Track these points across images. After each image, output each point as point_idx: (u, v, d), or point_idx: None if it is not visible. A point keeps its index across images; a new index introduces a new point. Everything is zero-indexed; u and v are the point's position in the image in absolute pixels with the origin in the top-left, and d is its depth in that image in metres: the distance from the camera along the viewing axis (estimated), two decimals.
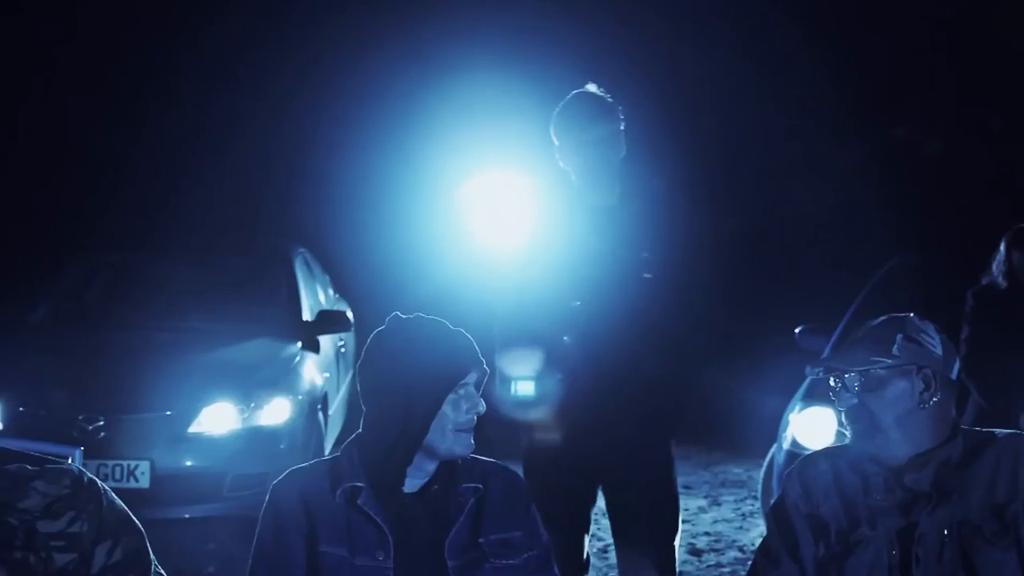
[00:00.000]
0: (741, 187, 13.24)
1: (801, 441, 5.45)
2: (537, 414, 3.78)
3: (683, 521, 6.65)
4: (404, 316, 2.49)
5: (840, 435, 5.09)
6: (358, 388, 2.48)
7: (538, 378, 3.76)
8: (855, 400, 2.45)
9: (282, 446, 6.13)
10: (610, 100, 3.80)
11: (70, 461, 2.41)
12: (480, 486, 2.46)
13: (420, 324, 2.47)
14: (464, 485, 2.45)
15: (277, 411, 6.18)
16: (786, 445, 5.55)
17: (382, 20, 13.57)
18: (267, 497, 2.42)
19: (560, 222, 3.90)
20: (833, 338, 5.94)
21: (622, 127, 3.79)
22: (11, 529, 2.15)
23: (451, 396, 2.41)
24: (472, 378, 2.45)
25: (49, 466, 2.26)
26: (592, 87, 3.82)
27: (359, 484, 2.39)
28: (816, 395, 5.46)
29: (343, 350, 8.11)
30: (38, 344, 6.58)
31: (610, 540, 6.22)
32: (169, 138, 13.70)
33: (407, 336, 2.44)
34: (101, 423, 5.80)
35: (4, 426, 5.84)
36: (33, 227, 11.15)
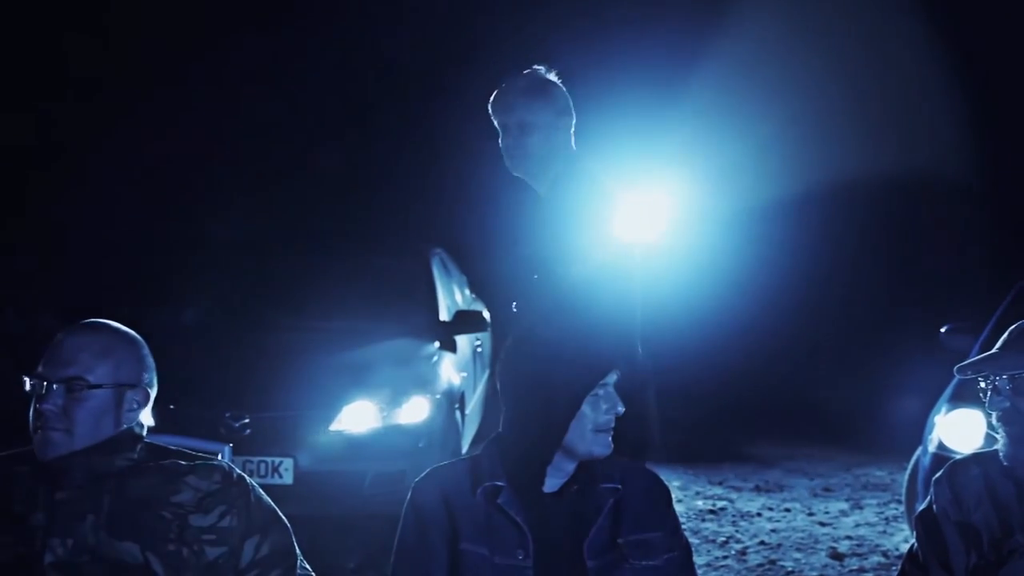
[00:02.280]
0: (885, 189, 12.94)
1: (948, 443, 5.31)
2: None
3: (823, 524, 6.57)
4: (544, 315, 2.49)
5: (989, 438, 4.94)
6: (497, 388, 2.49)
7: None
8: (1007, 403, 2.37)
9: (421, 444, 6.19)
10: (552, 88, 3.54)
11: (220, 458, 2.48)
12: (619, 486, 2.45)
13: (560, 323, 2.47)
14: (603, 485, 2.43)
15: (416, 410, 6.25)
16: (932, 448, 5.40)
17: (518, 18, 13.61)
18: (408, 495, 2.45)
19: (512, 212, 3.70)
20: (981, 339, 5.76)
21: (564, 117, 3.55)
22: (165, 522, 2.22)
23: (590, 396, 2.40)
24: (612, 378, 2.44)
25: (200, 462, 2.34)
26: (541, 71, 3.58)
27: (499, 483, 2.40)
28: (963, 397, 5.30)
29: (479, 350, 8.16)
30: (187, 344, 6.77)
31: (748, 542, 6.16)
32: (312, 142, 13.97)
33: (547, 335, 2.44)
34: (247, 421, 5.95)
35: (155, 423, 6.03)
36: (184, 229, 11.50)
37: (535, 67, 3.59)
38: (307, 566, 2.38)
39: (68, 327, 2.34)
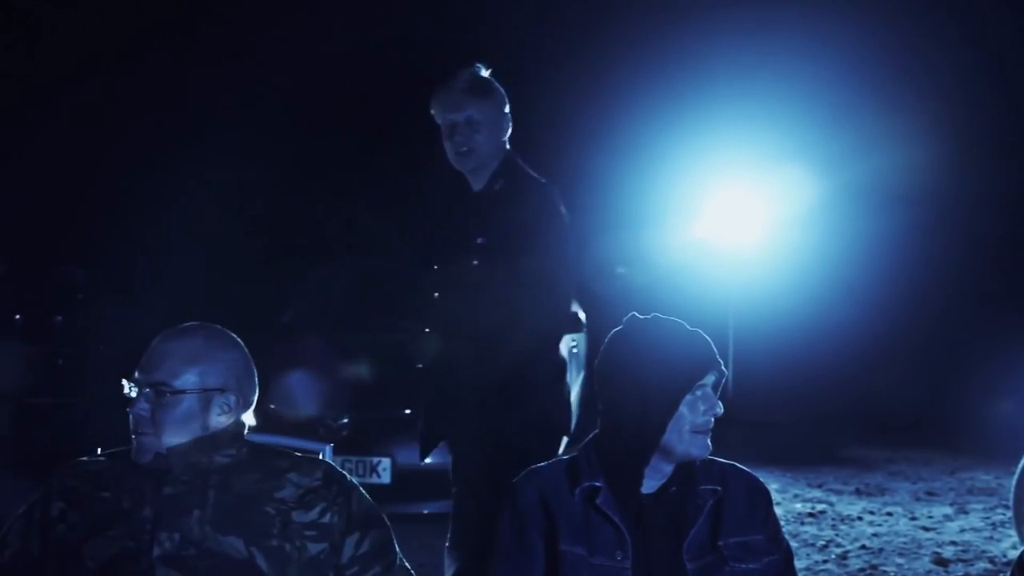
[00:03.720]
0: (993, 190, 12.66)
1: None
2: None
3: (926, 529, 6.44)
4: (641, 316, 2.48)
5: None
6: (595, 388, 2.49)
7: None
8: None
9: None
10: (495, 86, 3.57)
11: (321, 456, 2.52)
12: (719, 488, 2.43)
13: (657, 324, 2.46)
14: (702, 487, 2.42)
15: None
16: None
17: (620, 25, 13.59)
18: (507, 495, 2.46)
19: (440, 207, 3.72)
20: None
21: (506, 115, 3.57)
22: (268, 518, 2.26)
23: (688, 397, 2.39)
24: (710, 379, 2.42)
25: (302, 460, 2.37)
26: (481, 68, 3.60)
27: (597, 484, 2.39)
28: None
29: (575, 350, 8.15)
30: (287, 345, 6.89)
31: (849, 546, 6.06)
32: (404, 143, 14.07)
33: (644, 336, 2.43)
34: (345, 421, 6.03)
35: (257, 423, 6.14)
36: (283, 234, 11.71)
37: (475, 64, 3.61)
38: (407, 564, 2.40)
39: (165, 331, 2.39)
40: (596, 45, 13.44)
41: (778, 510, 2.52)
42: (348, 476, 2.38)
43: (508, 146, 3.61)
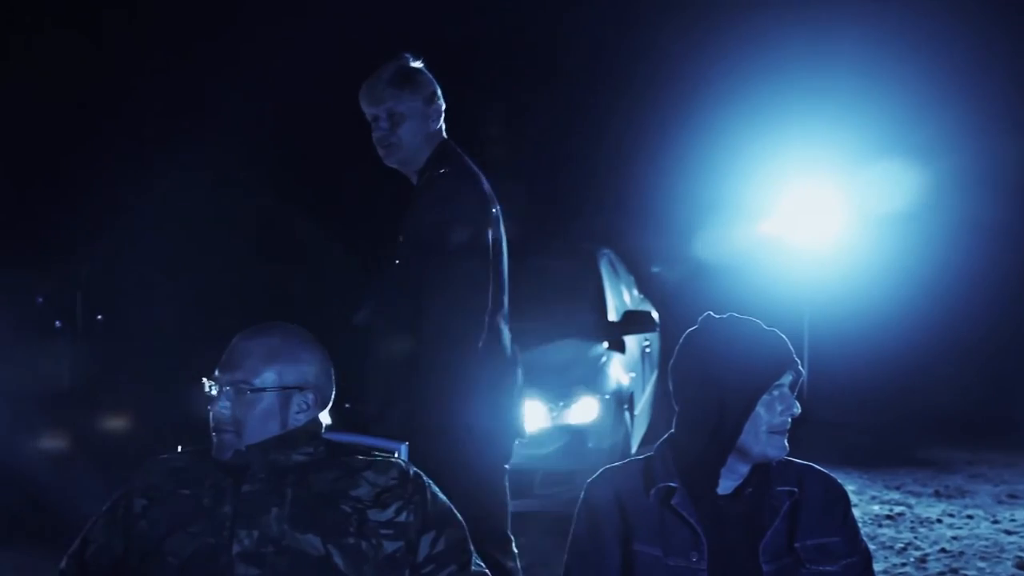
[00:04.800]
0: None
1: None
2: None
3: (1009, 532, 6.31)
4: (717, 316, 2.47)
5: None
6: (670, 388, 2.47)
7: None
8: None
9: (590, 445, 6.20)
10: (420, 77, 3.48)
11: (396, 455, 2.53)
12: (795, 489, 2.40)
13: (734, 323, 2.44)
14: (778, 488, 2.40)
15: (585, 410, 6.26)
16: None
17: (687, 22, 13.51)
18: (582, 495, 2.45)
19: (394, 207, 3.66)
20: None
21: (434, 105, 3.49)
22: (345, 516, 2.28)
23: (765, 397, 2.37)
24: (787, 379, 2.40)
25: (378, 459, 2.39)
26: (408, 59, 3.51)
27: (673, 484, 2.38)
28: None
29: (648, 350, 8.12)
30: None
31: (928, 549, 5.96)
32: (477, 140, 14.11)
33: (720, 336, 2.41)
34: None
35: (332, 421, 6.20)
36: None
37: (403, 55, 3.53)
38: (481, 563, 2.40)
39: (244, 330, 2.42)
40: (672, 38, 13.38)
41: (855, 512, 2.49)
42: (423, 475, 2.40)
43: (443, 136, 3.54)
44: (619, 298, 7.85)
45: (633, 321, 7.33)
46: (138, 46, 12.37)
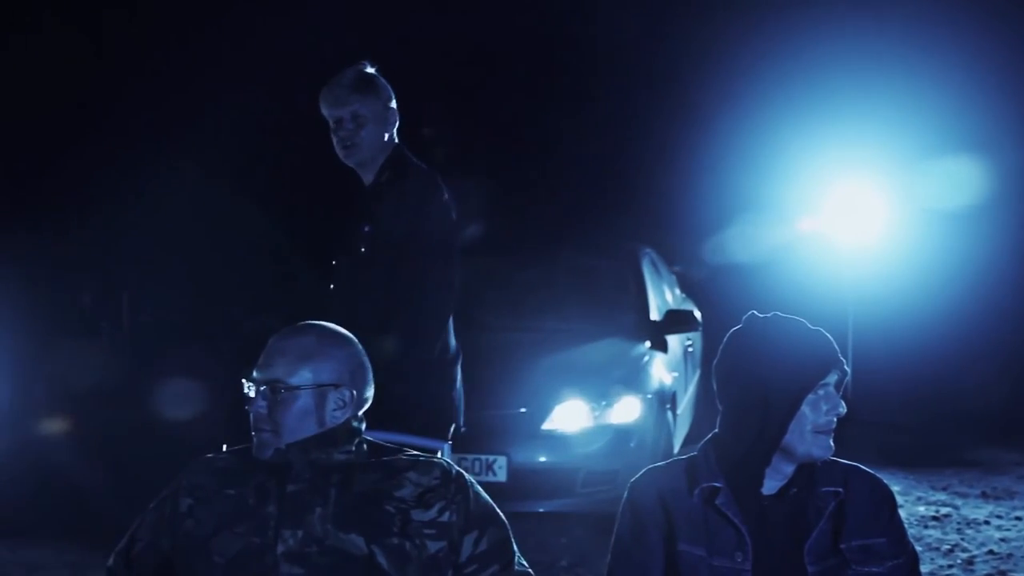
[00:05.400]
0: None
1: None
2: None
3: None
4: (761, 315, 2.45)
5: None
6: (714, 387, 2.46)
7: None
8: None
9: (632, 444, 6.19)
10: (380, 82, 3.70)
11: (439, 455, 2.54)
12: (840, 490, 2.39)
13: (778, 323, 2.42)
14: (824, 488, 2.38)
15: (628, 409, 6.25)
16: None
17: (733, 19, 13.46)
18: (625, 494, 2.45)
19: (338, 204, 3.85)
20: None
21: (391, 110, 3.69)
22: (389, 516, 2.29)
23: (810, 396, 2.35)
24: (832, 378, 2.38)
25: (421, 458, 2.40)
26: (366, 65, 3.71)
27: (717, 484, 2.37)
28: None
29: (691, 349, 8.09)
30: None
31: (975, 551, 5.90)
32: (525, 144, 14.14)
33: (765, 335, 2.40)
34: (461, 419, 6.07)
35: (372, 420, 6.22)
36: None
37: (362, 62, 3.74)
38: (524, 562, 2.41)
39: (280, 331, 2.44)
40: (718, 35, 13.33)
41: (901, 513, 2.47)
42: (466, 475, 2.40)
43: (396, 140, 3.74)
44: (661, 297, 7.83)
45: (675, 320, 7.32)
46: (167, 40, 12.45)
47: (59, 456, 7.54)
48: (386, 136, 3.71)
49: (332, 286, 3.79)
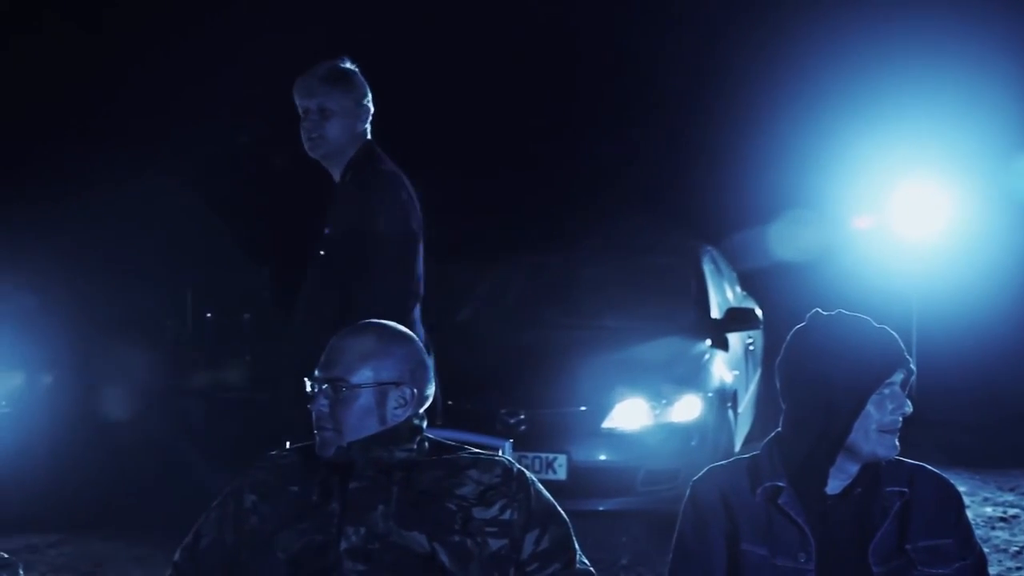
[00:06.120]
0: None
1: None
2: None
3: None
4: (826, 312, 2.43)
5: None
6: (777, 385, 2.44)
7: None
8: None
9: (693, 443, 6.16)
10: (353, 78, 3.65)
11: (501, 453, 2.54)
12: (906, 490, 2.36)
13: (842, 320, 2.40)
14: (889, 488, 2.35)
15: (688, 408, 6.22)
16: None
17: (804, 16, 13.34)
18: (687, 493, 2.44)
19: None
20: None
21: (363, 107, 3.64)
22: (450, 514, 2.30)
23: (875, 395, 2.32)
24: (898, 377, 2.35)
25: (482, 456, 2.40)
26: (343, 61, 3.67)
27: (780, 484, 2.35)
28: None
29: (752, 348, 8.04)
30: (464, 341, 6.99)
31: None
32: (583, 141, 14.12)
33: (829, 332, 2.37)
34: (522, 417, 6.08)
35: (433, 418, 6.25)
36: (462, 232, 11.88)
37: (341, 57, 3.70)
38: (585, 560, 2.40)
39: (341, 330, 2.46)
40: (784, 30, 13.23)
41: (967, 514, 2.44)
42: (527, 473, 2.40)
43: (367, 137, 3.69)
44: (722, 295, 7.79)
45: (736, 318, 7.27)
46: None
47: (126, 453, 7.66)
48: (354, 133, 3.66)
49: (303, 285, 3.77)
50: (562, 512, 2.40)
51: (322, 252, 3.63)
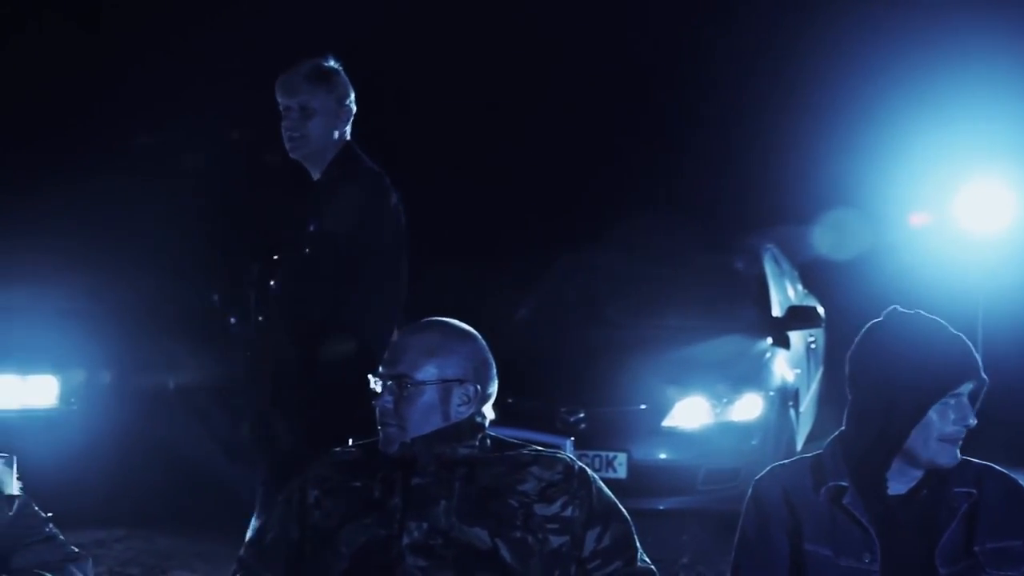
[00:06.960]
0: None
1: None
2: None
3: None
4: (903, 311, 2.39)
5: None
6: (846, 374, 2.41)
7: None
8: None
9: (754, 442, 6.13)
10: (336, 77, 3.60)
11: (562, 450, 2.54)
12: (974, 491, 2.32)
13: (917, 322, 2.36)
14: (956, 489, 2.32)
15: (749, 407, 6.18)
16: None
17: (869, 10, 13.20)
18: (749, 491, 2.42)
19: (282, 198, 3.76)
20: None
21: (345, 107, 3.59)
22: (512, 510, 2.30)
23: (939, 404, 2.28)
24: (966, 388, 2.31)
25: (544, 453, 2.41)
26: (327, 59, 3.61)
27: (843, 483, 2.33)
28: None
29: (813, 346, 7.97)
30: (524, 339, 6.99)
31: None
32: (639, 137, 14.07)
33: (901, 333, 2.34)
34: (582, 415, 6.08)
35: (497, 416, 6.26)
36: (521, 230, 11.89)
37: (326, 55, 3.65)
38: (646, 558, 2.40)
39: (406, 327, 2.47)
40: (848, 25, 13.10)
41: None
42: (588, 470, 2.40)
43: (347, 138, 3.64)
44: (783, 293, 7.73)
45: (798, 316, 7.22)
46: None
47: (192, 449, 7.74)
48: (336, 133, 3.60)
49: (273, 283, 3.72)
50: (623, 510, 2.40)
51: (307, 249, 3.59)
